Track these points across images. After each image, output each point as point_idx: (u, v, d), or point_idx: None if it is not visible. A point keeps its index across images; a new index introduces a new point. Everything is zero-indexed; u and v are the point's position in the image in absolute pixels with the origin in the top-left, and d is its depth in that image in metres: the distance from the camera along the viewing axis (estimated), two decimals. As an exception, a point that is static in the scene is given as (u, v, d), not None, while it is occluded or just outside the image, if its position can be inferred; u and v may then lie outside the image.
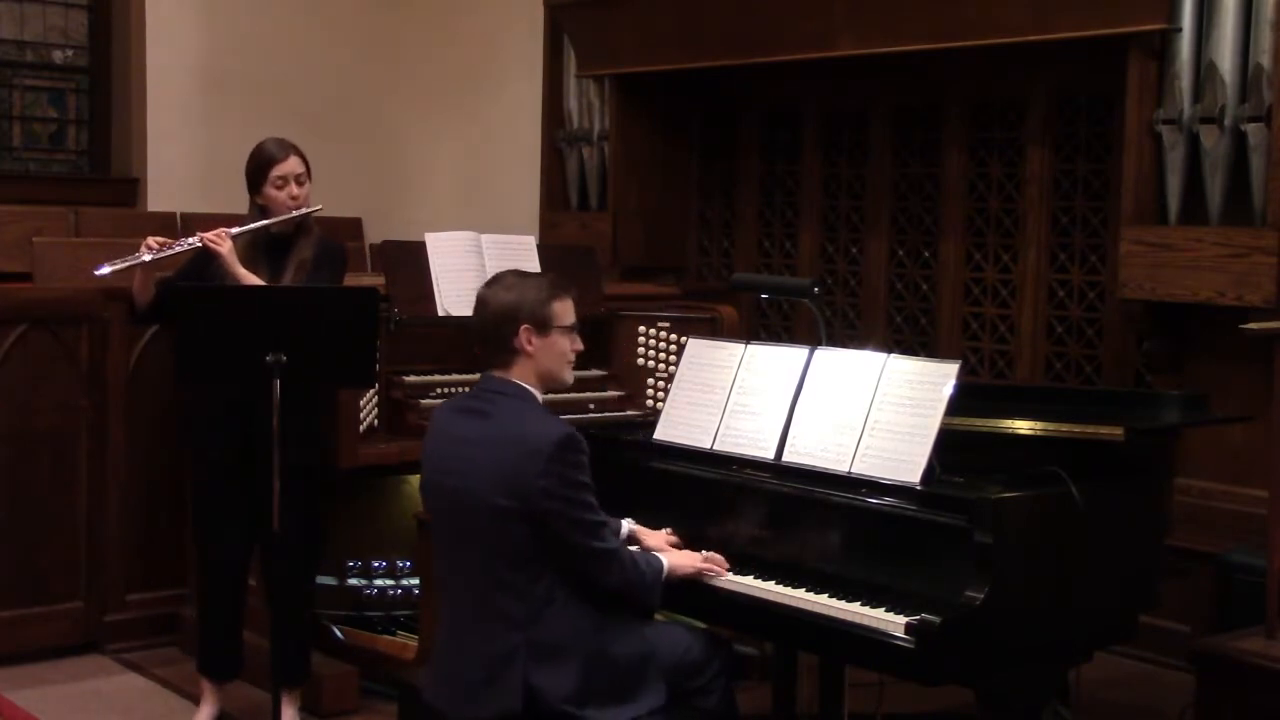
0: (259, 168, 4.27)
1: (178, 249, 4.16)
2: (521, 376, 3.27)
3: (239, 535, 4.26)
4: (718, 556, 3.46)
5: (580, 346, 3.39)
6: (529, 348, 3.24)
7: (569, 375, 3.37)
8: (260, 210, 4.29)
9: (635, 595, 3.28)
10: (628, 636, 3.26)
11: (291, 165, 4.26)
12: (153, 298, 4.24)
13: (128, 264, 4.14)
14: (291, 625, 4.25)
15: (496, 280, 3.34)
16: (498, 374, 3.28)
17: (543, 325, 3.25)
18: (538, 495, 3.09)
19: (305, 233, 4.31)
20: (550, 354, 3.28)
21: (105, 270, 4.16)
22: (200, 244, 4.16)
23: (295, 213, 4.26)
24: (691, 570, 3.41)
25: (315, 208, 4.33)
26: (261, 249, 4.26)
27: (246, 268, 4.18)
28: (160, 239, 4.17)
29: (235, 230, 4.22)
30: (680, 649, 3.33)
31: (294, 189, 4.26)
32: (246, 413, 4.12)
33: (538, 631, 3.14)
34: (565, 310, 3.30)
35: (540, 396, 3.30)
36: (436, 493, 3.31)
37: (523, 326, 3.23)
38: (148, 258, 4.13)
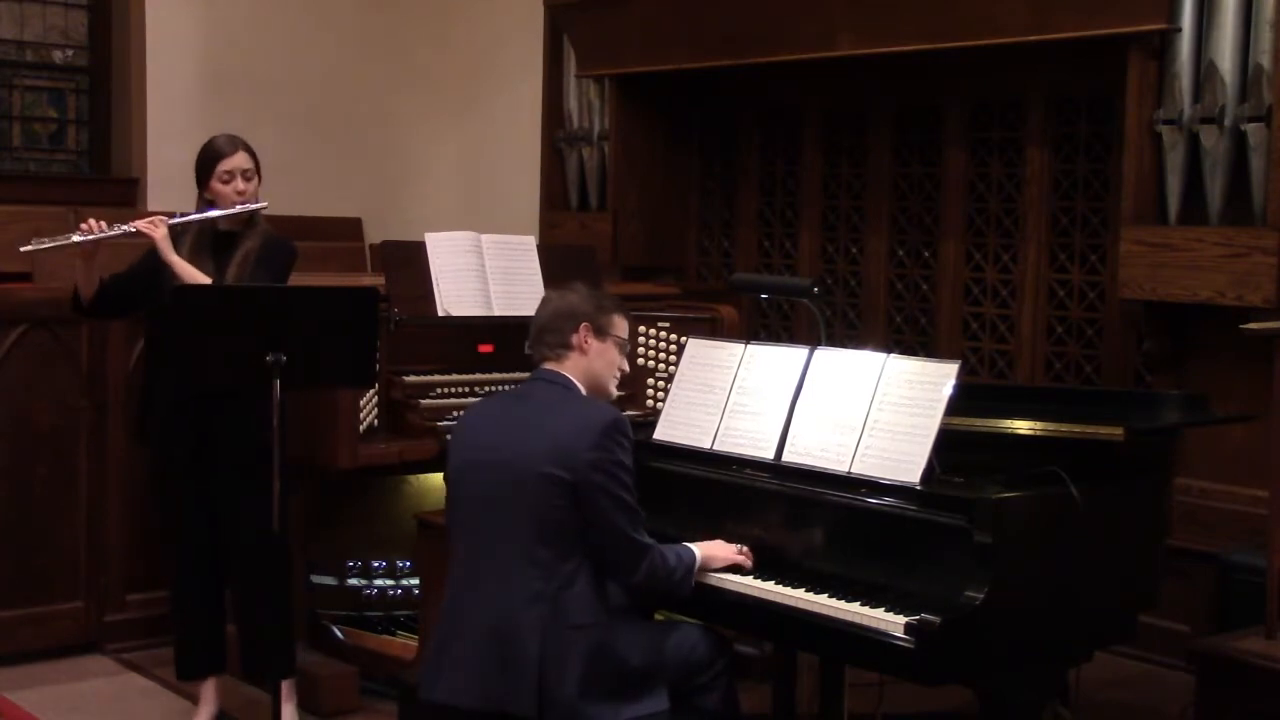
0: (206, 162, 4.28)
1: (111, 233, 4.15)
2: (571, 373, 3.40)
3: (202, 533, 4.29)
4: (748, 549, 3.47)
5: (627, 368, 3.55)
6: (585, 346, 3.40)
7: (614, 388, 3.52)
8: (207, 205, 4.30)
9: (663, 589, 3.32)
10: (638, 637, 3.28)
11: (238, 160, 4.26)
12: (96, 292, 4.24)
13: (56, 244, 4.13)
14: (265, 618, 4.23)
15: (566, 286, 3.54)
16: (549, 366, 3.41)
17: (601, 330, 3.43)
18: (585, 467, 3.17)
19: (252, 227, 4.30)
20: (602, 359, 3.44)
21: (30, 247, 4.14)
22: (134, 230, 4.15)
23: (238, 208, 4.25)
24: (726, 564, 3.43)
25: (260, 205, 4.31)
26: (208, 244, 4.26)
27: (192, 261, 4.17)
28: (95, 221, 4.15)
29: (174, 220, 4.21)
30: (686, 648, 3.34)
31: (240, 184, 4.26)
32: (197, 409, 4.15)
33: (554, 611, 3.17)
34: (623, 325, 3.50)
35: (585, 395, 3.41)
36: (474, 470, 3.33)
37: (583, 324, 3.40)
38: (77, 238, 4.12)
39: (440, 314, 4.85)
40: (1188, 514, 4.97)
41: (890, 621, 3.09)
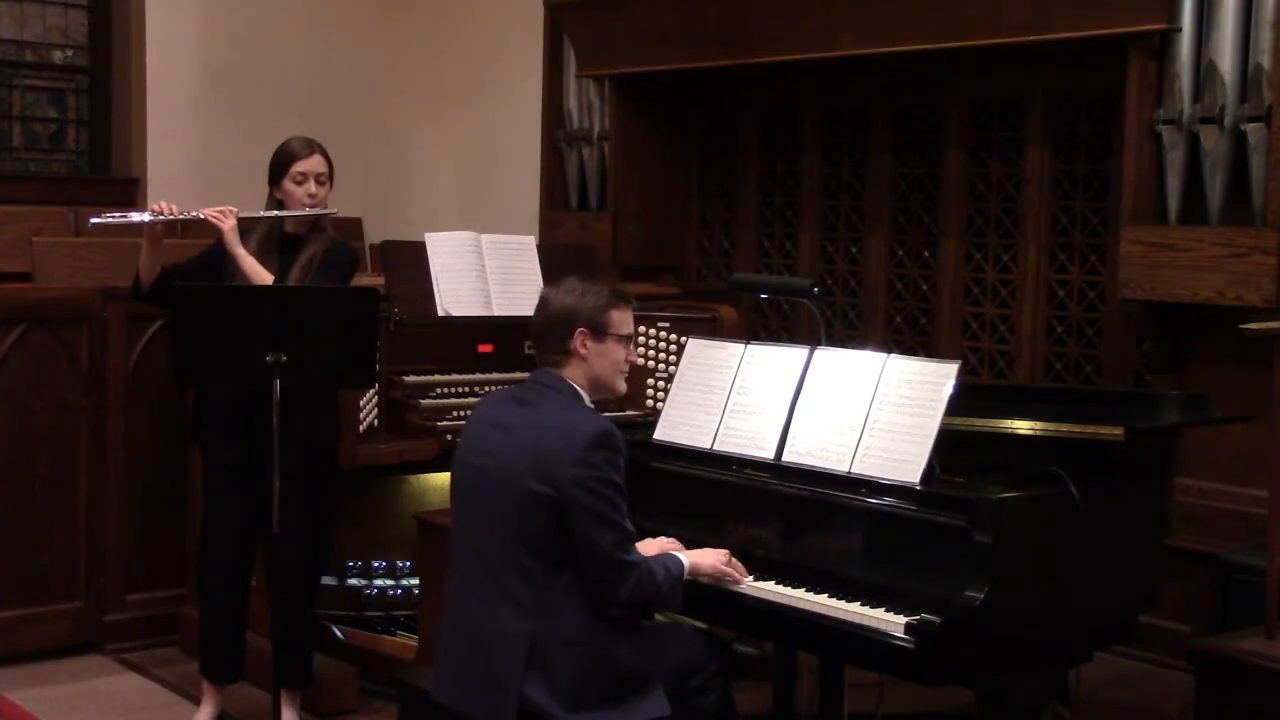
0: (281, 162, 4.28)
1: (180, 218, 4.17)
2: (573, 377, 3.30)
3: (242, 536, 4.25)
4: (738, 562, 3.43)
5: (635, 358, 3.44)
6: (582, 351, 3.28)
7: (621, 384, 3.41)
8: (277, 205, 4.30)
9: (652, 605, 3.27)
10: (634, 642, 3.23)
11: (313, 163, 4.27)
12: (156, 278, 4.23)
13: (125, 218, 4.15)
14: (293, 627, 4.24)
15: (561, 282, 3.39)
16: (549, 370, 3.32)
17: (599, 331, 3.30)
18: (568, 483, 3.09)
19: (318, 232, 4.31)
20: (603, 361, 3.32)
21: (98, 220, 4.20)
22: (203, 216, 4.16)
23: (308, 210, 4.25)
24: (711, 571, 3.39)
25: (331, 210, 4.32)
26: (275, 244, 4.27)
27: (258, 259, 4.18)
28: (166, 203, 4.18)
29: (244, 214, 4.22)
30: (682, 648, 3.32)
31: (312, 186, 4.26)
32: (250, 412, 4.12)
33: (544, 626, 3.12)
34: (623, 320, 3.35)
35: (588, 399, 3.32)
36: (468, 473, 3.29)
37: (579, 330, 3.28)
38: (147, 217, 4.13)
39: (440, 314, 4.86)
40: (1188, 514, 4.97)
41: (890, 621, 3.09)
